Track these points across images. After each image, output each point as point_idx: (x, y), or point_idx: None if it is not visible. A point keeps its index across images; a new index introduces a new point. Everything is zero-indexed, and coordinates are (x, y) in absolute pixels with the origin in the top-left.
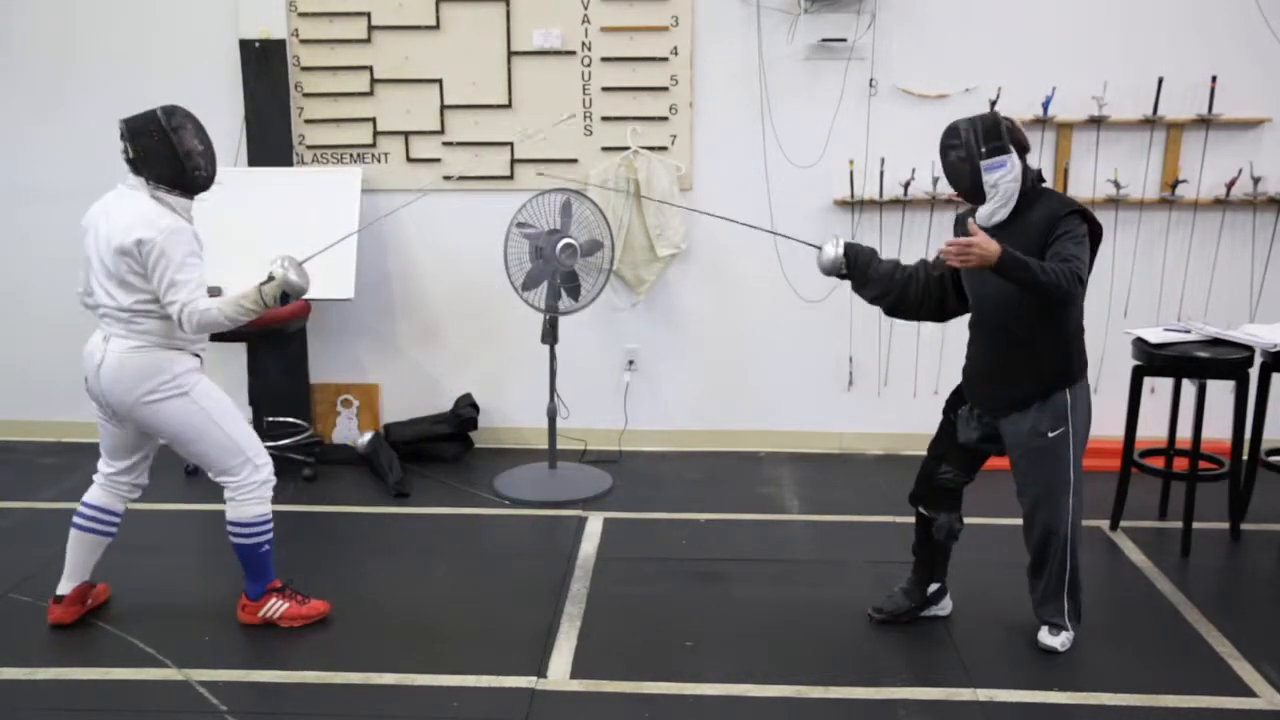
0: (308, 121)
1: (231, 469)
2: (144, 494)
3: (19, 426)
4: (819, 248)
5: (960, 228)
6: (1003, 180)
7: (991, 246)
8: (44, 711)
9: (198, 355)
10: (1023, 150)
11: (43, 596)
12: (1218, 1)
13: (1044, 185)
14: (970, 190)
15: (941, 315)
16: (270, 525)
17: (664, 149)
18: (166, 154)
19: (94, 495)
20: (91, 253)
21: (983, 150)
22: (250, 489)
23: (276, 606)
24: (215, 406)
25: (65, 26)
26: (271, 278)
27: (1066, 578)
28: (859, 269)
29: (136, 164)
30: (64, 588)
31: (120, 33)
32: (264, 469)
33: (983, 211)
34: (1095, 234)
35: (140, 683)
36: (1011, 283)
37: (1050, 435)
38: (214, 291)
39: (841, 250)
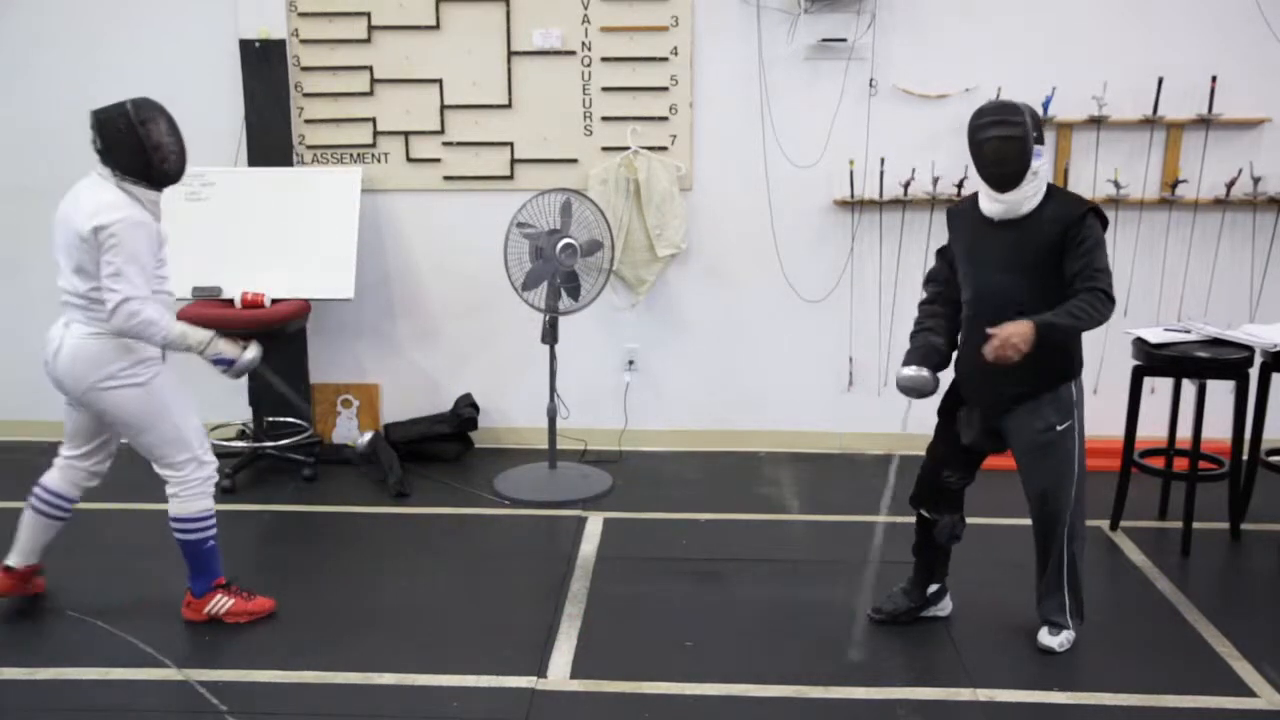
0: (308, 121)
1: (177, 463)
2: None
3: (19, 426)
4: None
5: (954, 221)
6: (1043, 168)
7: (1024, 329)
8: (44, 711)
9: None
10: None
11: (42, 596)
12: (1218, 1)
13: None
14: (1015, 172)
15: None
16: (213, 521)
17: (664, 149)
18: (134, 145)
19: (50, 479)
20: (59, 238)
21: (1035, 134)
22: (194, 484)
23: (222, 603)
24: (168, 399)
25: (65, 26)
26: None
27: (1065, 571)
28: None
29: (104, 154)
30: (15, 561)
31: (120, 32)
32: (209, 465)
33: (1011, 197)
34: (1105, 229)
35: (140, 683)
36: (1059, 344)
37: (1059, 429)
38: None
39: (927, 373)
